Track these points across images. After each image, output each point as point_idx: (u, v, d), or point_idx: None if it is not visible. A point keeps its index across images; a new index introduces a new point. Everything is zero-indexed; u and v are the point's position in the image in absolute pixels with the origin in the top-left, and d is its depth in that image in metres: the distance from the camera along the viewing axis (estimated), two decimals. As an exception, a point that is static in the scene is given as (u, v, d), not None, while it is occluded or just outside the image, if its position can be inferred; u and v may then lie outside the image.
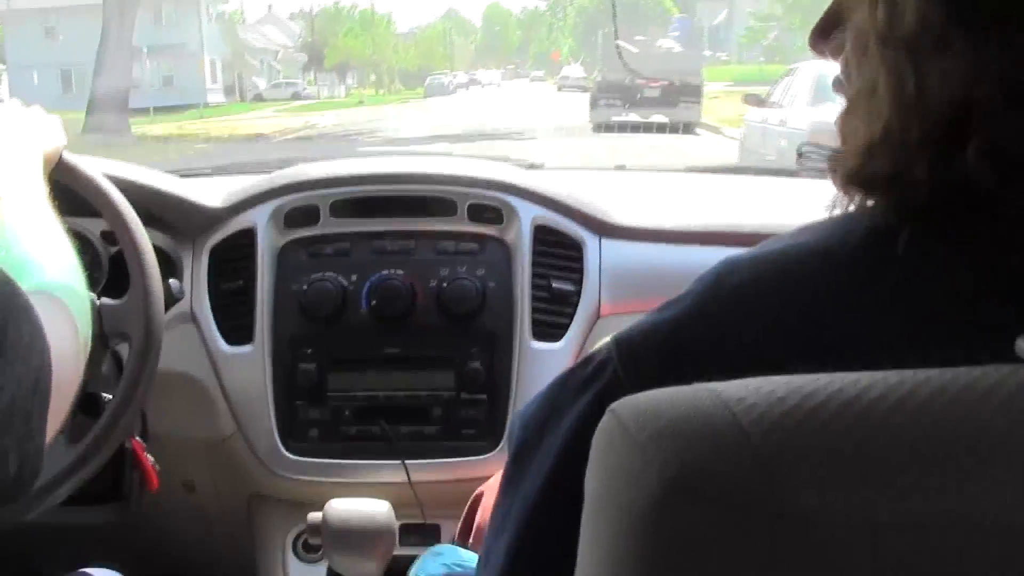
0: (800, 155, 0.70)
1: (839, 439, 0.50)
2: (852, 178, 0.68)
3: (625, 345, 0.70)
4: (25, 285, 1.02)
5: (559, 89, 33.93)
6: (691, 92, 15.56)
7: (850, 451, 0.50)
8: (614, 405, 0.57)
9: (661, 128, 10.19)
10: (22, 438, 0.81)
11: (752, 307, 0.66)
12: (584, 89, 31.49)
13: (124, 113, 17.35)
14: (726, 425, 0.51)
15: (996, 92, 0.60)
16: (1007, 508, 0.50)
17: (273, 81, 45.23)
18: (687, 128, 12.62)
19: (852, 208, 0.69)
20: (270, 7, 58.35)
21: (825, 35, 0.74)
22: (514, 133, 13.10)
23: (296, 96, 39.88)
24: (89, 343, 1.14)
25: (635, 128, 7.67)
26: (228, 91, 40.92)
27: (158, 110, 26.10)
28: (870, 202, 0.68)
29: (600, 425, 0.57)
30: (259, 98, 39.80)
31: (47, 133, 1.42)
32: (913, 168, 0.63)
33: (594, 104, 15.98)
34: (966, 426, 0.51)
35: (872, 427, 0.51)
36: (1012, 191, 0.60)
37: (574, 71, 35.50)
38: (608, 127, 10.66)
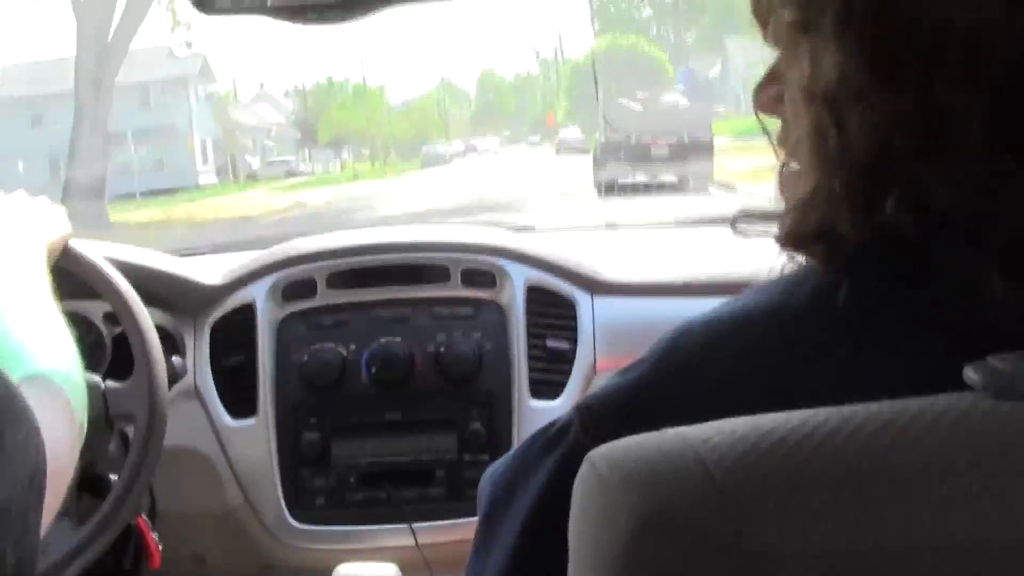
0: (734, 226, 0.71)
1: (798, 473, 0.53)
2: (787, 237, 0.71)
3: (585, 409, 0.72)
4: (21, 373, 1.06)
5: (557, 152, 33.00)
6: (702, 148, 14.76)
7: (809, 484, 0.52)
8: (591, 454, 0.59)
9: (671, 188, 9.96)
10: (19, 536, 0.82)
11: (708, 367, 0.68)
12: (583, 151, 30.98)
13: (101, 200, 16.80)
14: (691, 465, 0.54)
15: (913, 141, 0.63)
16: (966, 530, 0.52)
17: (267, 159, 44.03)
18: (698, 187, 12.25)
19: (794, 265, 0.71)
20: (262, 85, 56.15)
21: (767, 92, 0.77)
22: (514, 203, 12.69)
23: (290, 173, 38.92)
24: (85, 428, 1.16)
25: (645, 189, 7.41)
26: (220, 171, 39.80)
27: (146, 194, 25.46)
28: (805, 259, 0.70)
29: (579, 474, 0.59)
30: (252, 177, 38.94)
31: (52, 223, 1.46)
32: (839, 221, 0.66)
33: (599, 166, 14.90)
34: (920, 453, 0.53)
35: (829, 459, 0.53)
36: (935, 239, 0.63)
37: (571, 133, 34.14)
38: (614, 189, 10.36)
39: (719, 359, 0.68)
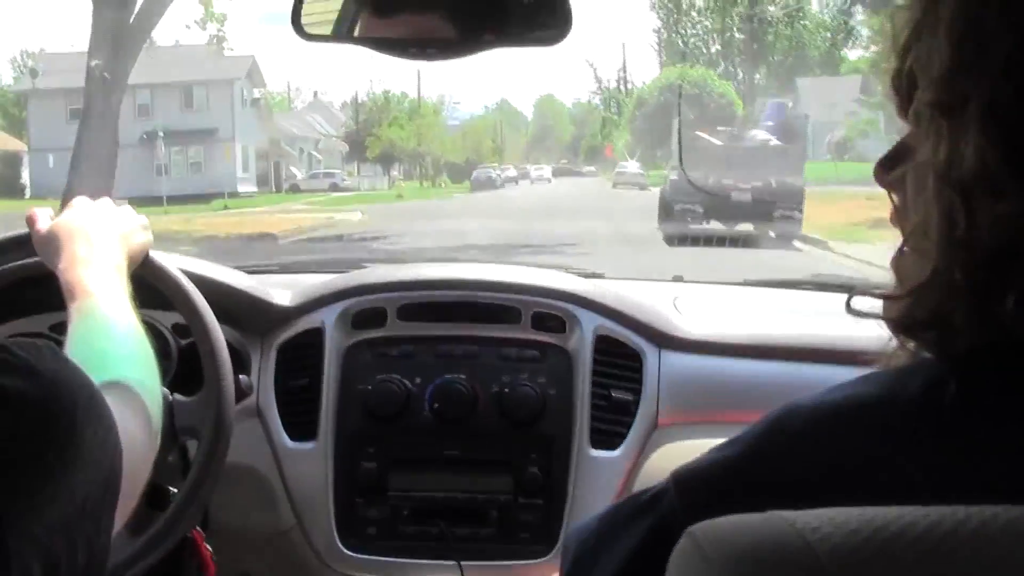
0: (849, 303, 0.70)
1: (910, 572, 0.52)
2: (900, 322, 0.70)
3: (682, 479, 0.72)
4: (102, 378, 1.07)
5: (614, 186, 32.94)
6: (790, 197, 13.16)
7: None
8: (692, 528, 0.59)
9: (747, 242, 8.96)
10: (91, 537, 0.83)
11: (811, 452, 0.68)
12: (641, 187, 29.56)
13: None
14: (801, 555, 0.53)
15: None
16: None
17: (311, 171, 43.16)
18: (783, 240, 11.25)
19: (903, 351, 0.71)
20: (316, 94, 56.07)
21: (890, 167, 0.76)
22: (566, 244, 11.49)
23: (334, 187, 37.86)
24: (159, 435, 1.18)
25: (718, 242, 6.96)
26: (262, 180, 38.57)
27: (176, 199, 24.61)
28: (914, 346, 0.69)
29: (678, 547, 0.59)
30: (295, 188, 38.04)
31: (135, 231, 1.48)
32: (953, 313, 0.65)
33: (667, 211, 13.41)
34: None
35: (942, 562, 0.53)
36: None
37: (631, 167, 34.30)
38: (684, 239, 9.43)
39: (825, 445, 0.68)
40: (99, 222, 1.42)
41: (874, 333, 0.74)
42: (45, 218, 1.43)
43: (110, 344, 1.20)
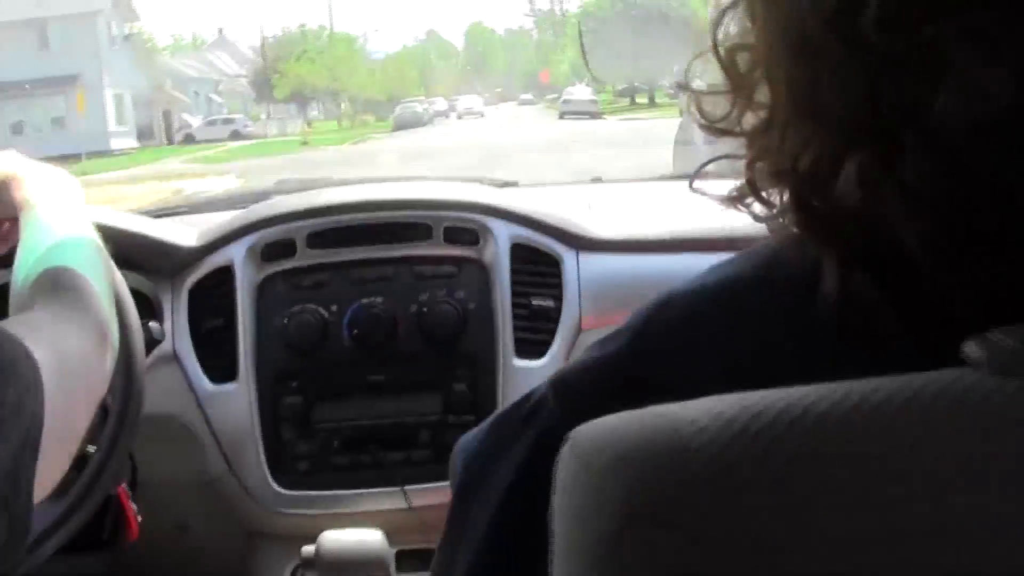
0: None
1: (790, 458, 0.50)
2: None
3: (560, 384, 0.69)
4: (47, 264, 1.10)
5: (561, 116, 28.45)
6: None
7: (802, 469, 0.50)
8: (572, 434, 0.56)
9: None
10: (8, 497, 0.80)
11: (690, 340, 0.65)
12: (593, 115, 26.51)
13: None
14: (676, 451, 0.51)
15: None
16: (967, 514, 0.49)
17: (209, 118, 36.35)
18: None
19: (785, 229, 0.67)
20: (220, 30, 49.09)
21: None
22: None
23: (236, 135, 31.98)
24: (114, 327, 1.15)
25: None
26: (146, 132, 32.40)
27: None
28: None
29: (560, 455, 0.57)
30: (190, 139, 32.15)
31: (65, 177, 1.43)
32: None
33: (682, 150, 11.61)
34: (919, 433, 0.51)
35: (823, 442, 0.50)
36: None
37: (579, 92, 29.46)
38: None
39: (702, 331, 0.65)
40: (26, 161, 1.38)
41: None
42: None
43: (53, 239, 1.19)
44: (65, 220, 1.24)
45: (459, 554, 0.73)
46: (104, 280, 1.18)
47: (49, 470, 0.89)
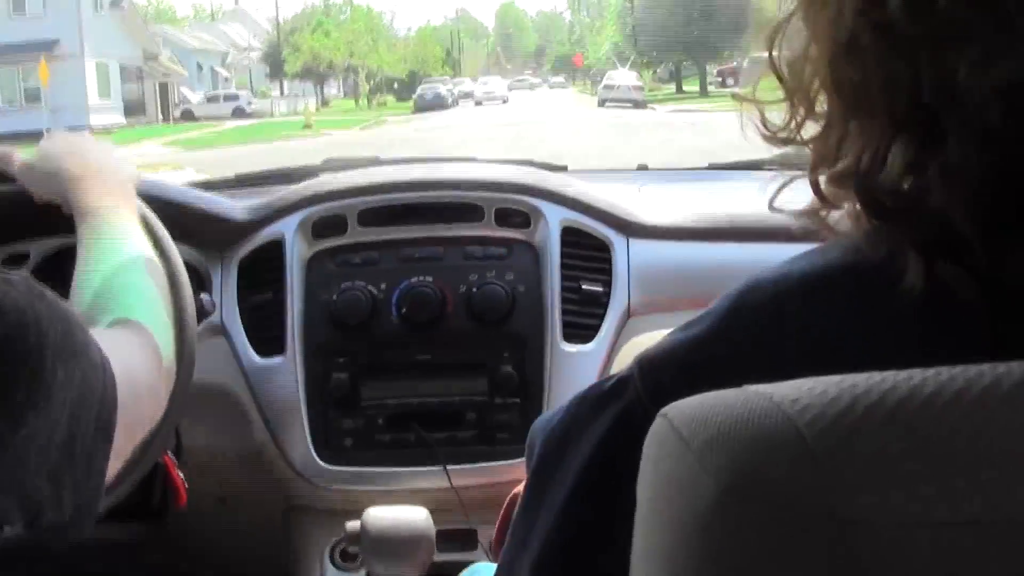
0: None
1: (894, 438, 0.50)
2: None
3: (646, 363, 0.70)
4: (111, 316, 1.05)
5: (601, 103, 26.23)
6: None
7: (906, 451, 0.49)
8: (666, 410, 0.56)
9: None
10: (79, 481, 0.80)
11: (776, 325, 0.65)
12: (637, 104, 24.47)
13: None
14: (781, 428, 0.51)
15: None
16: None
17: (211, 93, 33.56)
18: None
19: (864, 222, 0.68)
20: (237, 1, 47.00)
21: None
22: None
23: (239, 112, 29.81)
24: (174, 370, 1.15)
25: None
26: (135, 107, 29.07)
27: (6, 140, 18.63)
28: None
29: (652, 430, 0.57)
30: (188, 115, 29.88)
31: (122, 160, 1.44)
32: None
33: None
34: (1022, 420, 0.50)
35: (928, 425, 0.50)
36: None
37: (622, 78, 26.92)
38: None
39: (787, 317, 0.65)
40: (88, 145, 1.38)
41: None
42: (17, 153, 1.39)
43: (116, 276, 1.18)
44: (121, 242, 1.24)
45: (537, 524, 0.73)
46: (165, 321, 1.20)
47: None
